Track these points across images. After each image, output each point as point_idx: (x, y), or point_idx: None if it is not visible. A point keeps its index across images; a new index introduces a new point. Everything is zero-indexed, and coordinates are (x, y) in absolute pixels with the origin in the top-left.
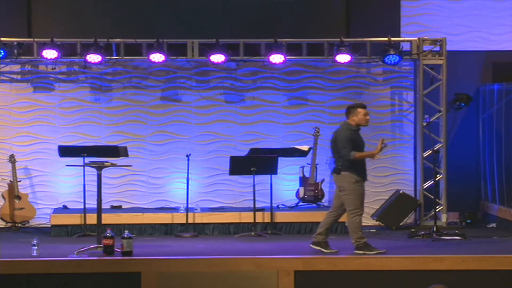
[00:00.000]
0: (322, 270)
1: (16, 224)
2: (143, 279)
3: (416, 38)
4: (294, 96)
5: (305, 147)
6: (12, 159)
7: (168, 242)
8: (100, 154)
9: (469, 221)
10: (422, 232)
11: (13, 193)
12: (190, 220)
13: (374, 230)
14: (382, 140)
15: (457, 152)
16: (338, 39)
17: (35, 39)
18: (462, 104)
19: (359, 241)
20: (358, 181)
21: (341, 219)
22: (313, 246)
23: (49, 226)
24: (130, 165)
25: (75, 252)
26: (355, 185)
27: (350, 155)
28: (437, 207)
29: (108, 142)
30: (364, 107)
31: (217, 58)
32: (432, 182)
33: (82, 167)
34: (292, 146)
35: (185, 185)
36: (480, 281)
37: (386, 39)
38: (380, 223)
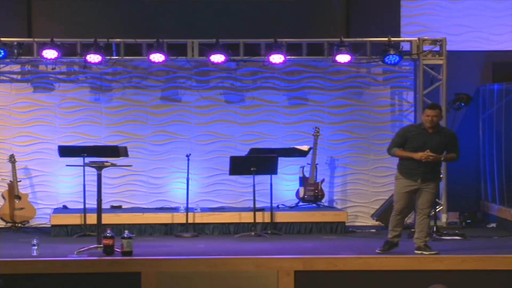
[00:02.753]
0: (322, 270)
1: (16, 224)
2: (143, 279)
3: (416, 38)
4: (294, 96)
5: (305, 147)
6: (12, 159)
7: (168, 242)
8: (100, 154)
9: (469, 221)
10: None
11: (13, 193)
12: (190, 220)
13: (374, 230)
14: (429, 154)
15: None
16: (338, 39)
17: (35, 39)
18: (462, 104)
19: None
20: (398, 178)
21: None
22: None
23: (49, 226)
24: (130, 165)
25: (75, 252)
26: (395, 181)
27: (388, 150)
28: (437, 207)
29: (108, 142)
30: (430, 107)
31: (217, 58)
32: None
33: (82, 167)
34: (292, 146)
35: (185, 185)
36: (480, 281)
37: (386, 39)
38: (380, 223)
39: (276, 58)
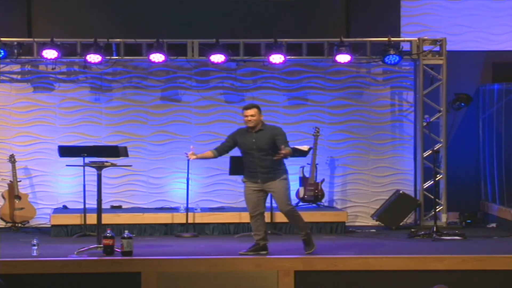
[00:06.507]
0: (322, 270)
1: (16, 224)
2: (143, 279)
3: (416, 38)
4: (294, 96)
5: (305, 147)
6: (12, 159)
7: (168, 242)
8: (100, 154)
9: (469, 221)
10: (422, 232)
11: (13, 193)
12: (190, 220)
13: (374, 230)
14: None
15: (457, 152)
16: (338, 39)
17: (35, 39)
18: (462, 104)
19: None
20: (244, 181)
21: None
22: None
23: (49, 226)
24: (130, 165)
25: (75, 252)
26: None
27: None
28: (437, 207)
29: (108, 142)
30: (245, 108)
31: (217, 58)
32: (432, 182)
33: (82, 167)
34: (292, 146)
35: (185, 185)
36: (480, 281)
37: (386, 39)
38: (380, 223)
39: (276, 58)
